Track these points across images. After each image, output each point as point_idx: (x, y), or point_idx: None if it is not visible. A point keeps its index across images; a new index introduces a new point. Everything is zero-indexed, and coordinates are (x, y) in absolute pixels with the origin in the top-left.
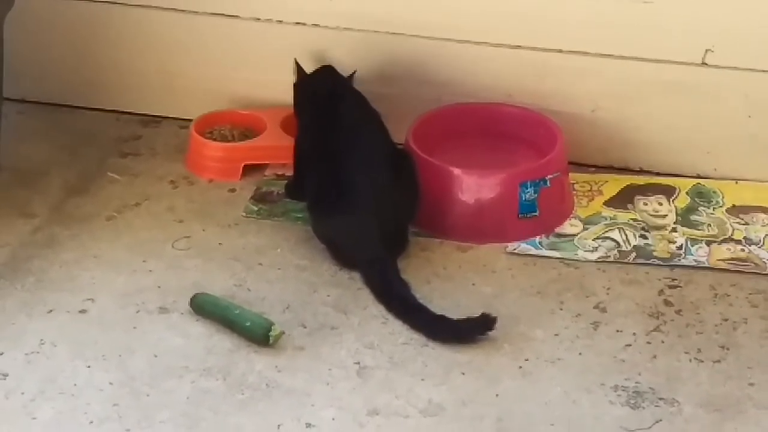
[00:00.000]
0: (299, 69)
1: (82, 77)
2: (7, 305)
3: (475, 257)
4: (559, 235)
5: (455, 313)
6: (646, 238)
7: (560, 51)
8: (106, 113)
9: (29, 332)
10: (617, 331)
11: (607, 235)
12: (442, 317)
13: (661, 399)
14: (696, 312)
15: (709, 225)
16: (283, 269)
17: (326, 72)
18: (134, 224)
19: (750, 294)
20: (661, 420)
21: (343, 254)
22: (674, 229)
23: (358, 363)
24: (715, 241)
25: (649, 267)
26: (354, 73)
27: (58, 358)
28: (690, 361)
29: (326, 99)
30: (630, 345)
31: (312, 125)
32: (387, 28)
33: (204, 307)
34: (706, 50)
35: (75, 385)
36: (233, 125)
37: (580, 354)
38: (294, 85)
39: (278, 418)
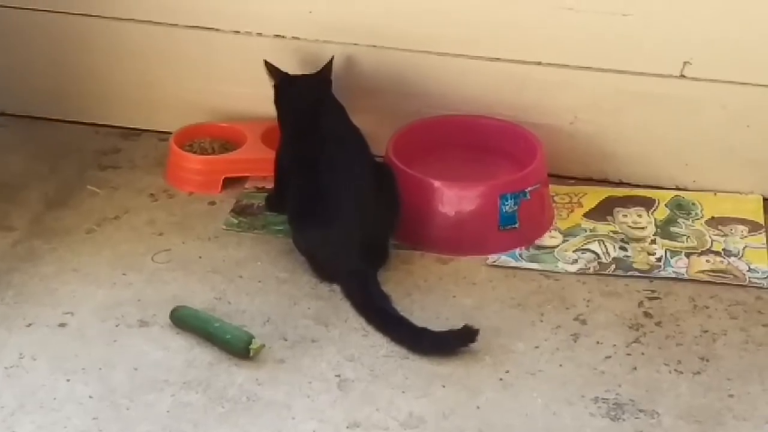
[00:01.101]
0: (274, 69)
1: (62, 90)
2: None
3: (456, 269)
4: (539, 247)
5: (436, 325)
6: (625, 250)
7: (539, 63)
8: (85, 126)
9: (8, 346)
10: (597, 342)
11: (586, 247)
12: (423, 329)
13: (641, 411)
14: (676, 324)
15: (688, 237)
16: (263, 282)
17: (307, 82)
18: (114, 237)
19: (729, 306)
20: None
21: (324, 267)
22: (653, 241)
23: (339, 375)
24: (694, 253)
25: (629, 279)
26: (332, 59)
27: (37, 371)
28: (670, 372)
29: (307, 111)
30: (610, 357)
31: (293, 138)
32: (366, 41)
33: (184, 320)
34: (685, 63)
35: (55, 398)
36: (213, 138)
37: (560, 366)
38: (274, 86)
39: (259, 430)
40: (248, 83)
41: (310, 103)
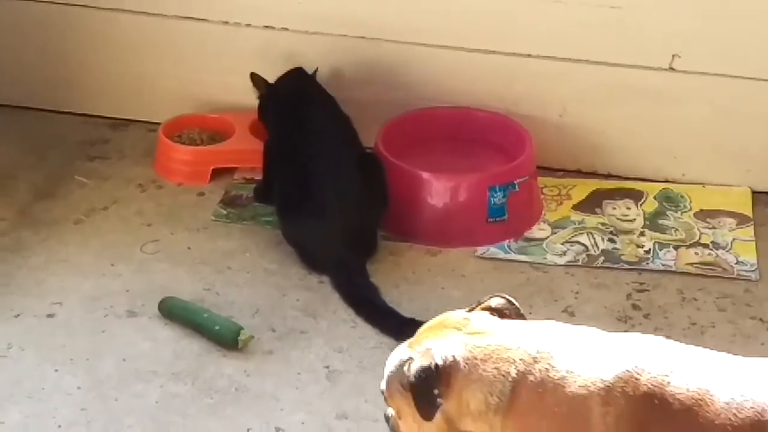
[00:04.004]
0: (261, 81)
1: (50, 80)
2: None
3: (445, 261)
4: (528, 239)
5: (424, 317)
6: (614, 242)
7: (529, 56)
8: (73, 116)
9: None
10: None
11: (575, 239)
12: (412, 321)
13: None
14: (664, 316)
15: (677, 229)
16: (252, 273)
17: (296, 75)
18: (102, 228)
19: (717, 298)
20: None
21: (313, 258)
22: (642, 233)
23: (328, 367)
24: (682, 245)
25: (618, 271)
26: (316, 70)
27: (25, 362)
28: None
29: (296, 102)
30: None
31: (281, 129)
32: (356, 32)
33: (173, 311)
34: (674, 55)
35: (43, 389)
36: (202, 129)
37: None
38: (259, 97)
39: (247, 422)
40: (237, 74)
41: (297, 94)
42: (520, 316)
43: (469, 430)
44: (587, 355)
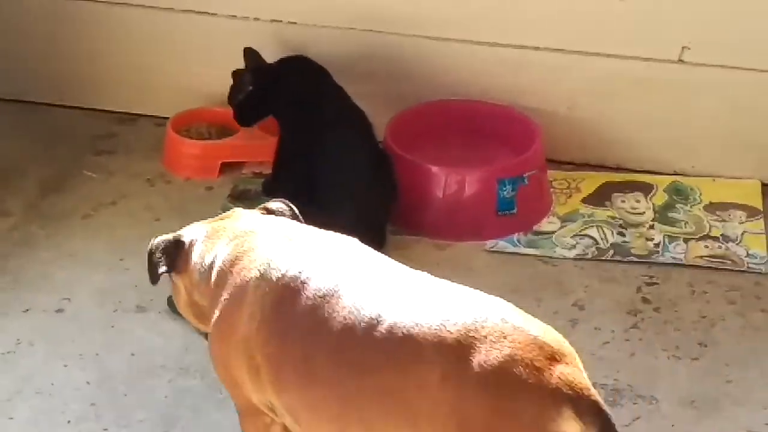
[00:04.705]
0: (257, 58)
1: (57, 74)
2: None
3: (453, 255)
4: (537, 233)
5: None
6: (623, 235)
7: (537, 48)
8: (81, 111)
9: (6, 331)
10: (595, 328)
11: (585, 232)
12: None
13: (639, 396)
14: (674, 309)
15: (687, 222)
16: None
17: (305, 65)
18: (111, 222)
19: (727, 291)
20: (639, 417)
21: None
22: (652, 227)
23: None
24: (692, 238)
25: (627, 264)
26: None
27: (34, 357)
28: (668, 358)
29: (310, 95)
30: (608, 342)
31: (295, 121)
32: (364, 26)
33: None
34: (683, 47)
35: (52, 384)
36: (210, 123)
37: None
38: (259, 74)
39: None
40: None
41: (309, 87)
42: (295, 217)
43: (199, 302)
44: (275, 245)
